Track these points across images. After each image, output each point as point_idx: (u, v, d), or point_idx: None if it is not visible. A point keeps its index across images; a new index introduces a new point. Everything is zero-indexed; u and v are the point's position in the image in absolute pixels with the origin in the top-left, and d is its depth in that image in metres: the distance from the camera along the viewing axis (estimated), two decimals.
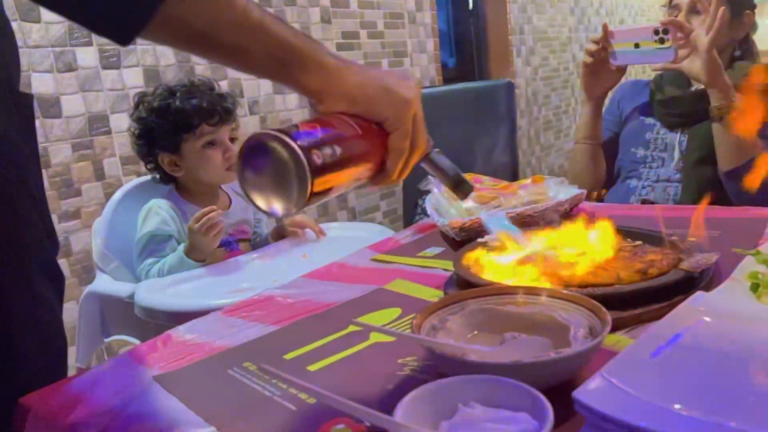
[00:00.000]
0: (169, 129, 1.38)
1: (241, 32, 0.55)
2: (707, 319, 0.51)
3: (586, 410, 0.43)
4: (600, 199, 1.56)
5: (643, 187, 1.45)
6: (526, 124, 4.29)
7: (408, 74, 0.60)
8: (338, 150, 0.56)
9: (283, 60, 0.58)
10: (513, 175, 1.86)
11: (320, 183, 0.54)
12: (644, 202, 1.43)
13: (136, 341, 1.30)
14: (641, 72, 5.11)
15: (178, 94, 1.38)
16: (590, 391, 0.44)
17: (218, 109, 1.39)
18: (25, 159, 0.69)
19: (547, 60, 4.55)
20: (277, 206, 0.55)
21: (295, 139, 0.53)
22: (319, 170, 0.54)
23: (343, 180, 0.59)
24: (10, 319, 0.67)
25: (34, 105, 0.71)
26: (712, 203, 1.19)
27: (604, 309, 0.56)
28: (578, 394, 0.44)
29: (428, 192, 1.15)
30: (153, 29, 0.52)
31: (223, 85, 2.29)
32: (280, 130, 0.54)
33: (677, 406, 0.42)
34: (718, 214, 0.99)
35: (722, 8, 1.23)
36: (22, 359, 0.68)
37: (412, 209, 1.86)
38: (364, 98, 0.60)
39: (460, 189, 0.70)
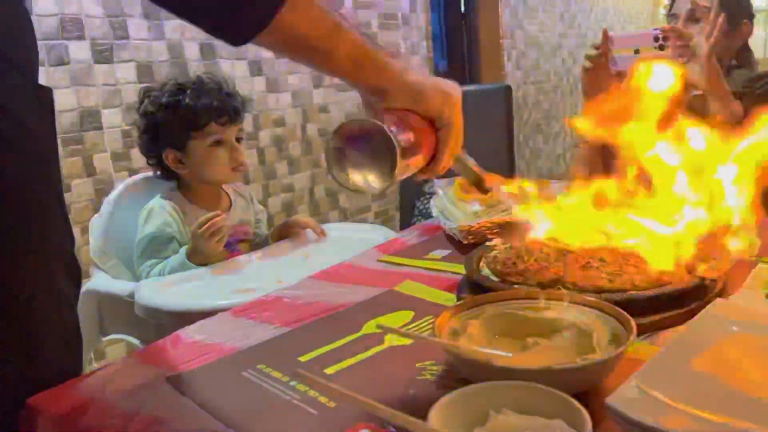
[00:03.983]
0: (177, 125, 1.36)
1: (332, 38, 0.63)
2: (735, 328, 0.52)
3: (621, 418, 0.43)
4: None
5: None
6: (516, 128, 4.30)
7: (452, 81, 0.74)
8: (412, 138, 0.65)
9: (360, 62, 0.65)
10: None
11: (402, 165, 0.62)
12: None
13: (135, 341, 1.28)
14: None
15: (188, 91, 1.36)
16: (625, 399, 0.44)
17: (228, 109, 1.38)
18: (48, 153, 0.68)
19: (537, 64, 4.57)
20: (374, 183, 0.63)
21: (387, 125, 0.61)
22: (403, 153, 0.62)
23: (412, 165, 0.67)
24: (35, 321, 0.66)
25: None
26: None
27: (627, 315, 0.56)
28: (612, 401, 0.44)
29: (424, 194, 1.15)
30: (264, 35, 0.59)
31: None
32: (373, 118, 0.62)
33: (712, 415, 0.42)
34: None
35: (722, 15, 1.24)
36: (46, 361, 0.67)
37: (410, 210, 1.85)
38: (423, 96, 0.67)
39: (483, 186, 0.78)
